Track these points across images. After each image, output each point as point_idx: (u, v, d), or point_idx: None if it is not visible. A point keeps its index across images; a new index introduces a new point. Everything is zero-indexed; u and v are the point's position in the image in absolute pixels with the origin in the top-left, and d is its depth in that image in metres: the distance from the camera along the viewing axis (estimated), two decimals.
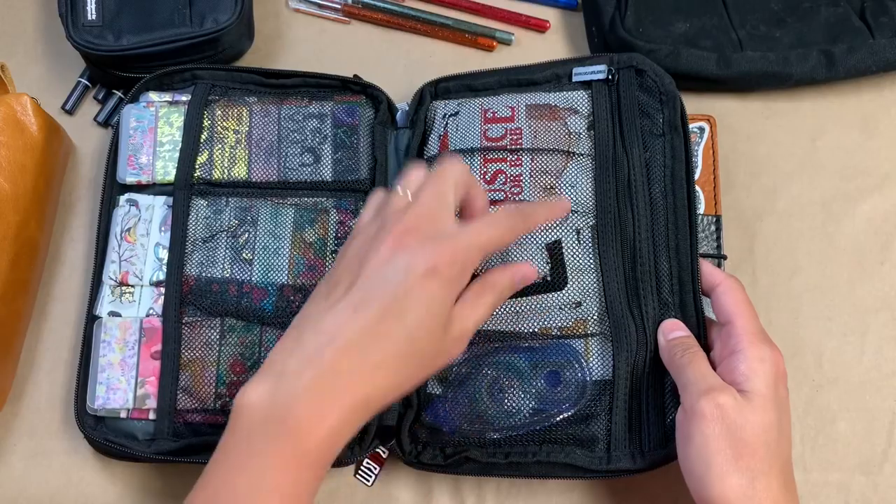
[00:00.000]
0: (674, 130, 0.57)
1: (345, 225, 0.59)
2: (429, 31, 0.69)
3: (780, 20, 0.64)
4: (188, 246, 0.58)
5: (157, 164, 0.60)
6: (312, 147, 0.60)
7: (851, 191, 0.64)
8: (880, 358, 0.60)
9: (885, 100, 0.66)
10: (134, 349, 0.56)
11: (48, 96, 0.66)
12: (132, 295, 0.57)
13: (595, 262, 0.55)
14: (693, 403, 0.47)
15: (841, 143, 0.65)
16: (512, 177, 0.57)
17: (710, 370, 0.49)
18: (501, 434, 0.52)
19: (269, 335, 0.56)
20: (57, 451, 0.58)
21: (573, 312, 0.54)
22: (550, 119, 0.59)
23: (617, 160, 0.57)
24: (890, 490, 0.57)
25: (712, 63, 0.63)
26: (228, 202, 0.59)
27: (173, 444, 0.54)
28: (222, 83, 0.62)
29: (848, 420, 0.59)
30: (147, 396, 0.55)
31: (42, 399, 0.59)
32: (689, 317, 0.53)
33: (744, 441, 0.45)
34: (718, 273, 0.53)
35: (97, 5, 0.63)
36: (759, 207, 0.64)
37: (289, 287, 0.57)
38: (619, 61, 0.59)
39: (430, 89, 0.62)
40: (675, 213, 0.55)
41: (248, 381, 0.43)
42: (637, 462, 0.52)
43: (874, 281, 0.62)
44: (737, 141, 0.65)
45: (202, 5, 0.63)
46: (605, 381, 0.53)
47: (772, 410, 0.47)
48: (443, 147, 0.59)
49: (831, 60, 0.63)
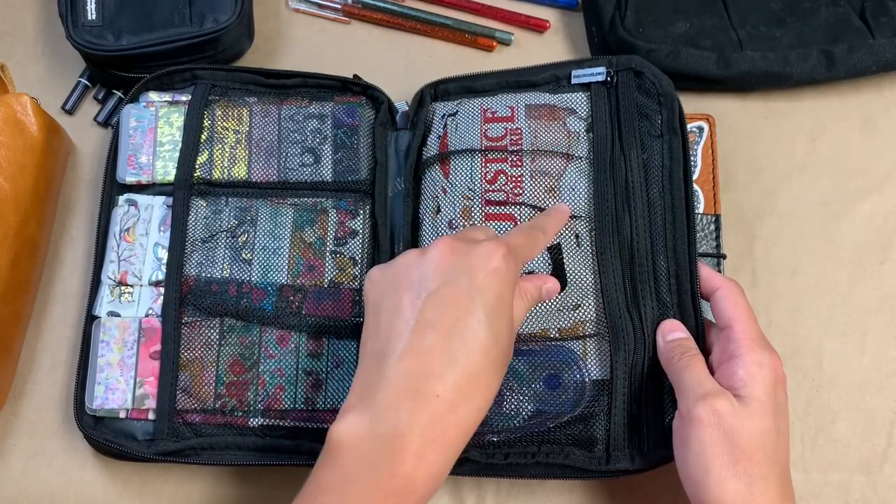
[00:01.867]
0: (672, 132, 0.57)
1: (344, 225, 0.59)
2: (429, 31, 0.69)
3: (780, 20, 0.64)
4: (188, 246, 0.58)
5: (157, 164, 0.60)
6: (312, 147, 0.61)
7: (851, 191, 0.64)
8: (880, 358, 0.60)
9: (885, 100, 0.66)
10: (133, 349, 0.56)
11: (48, 96, 0.66)
12: (131, 295, 0.57)
13: (593, 264, 0.55)
14: (690, 408, 0.47)
15: (841, 143, 0.65)
16: (513, 177, 0.57)
17: (708, 375, 0.49)
18: (500, 436, 0.52)
19: (268, 335, 0.56)
20: (56, 450, 0.58)
21: (572, 314, 0.54)
22: (550, 119, 0.59)
23: (615, 162, 0.57)
24: (890, 490, 0.57)
25: (712, 63, 0.63)
26: (228, 202, 0.59)
27: (173, 444, 0.54)
28: (222, 83, 0.63)
29: (848, 420, 0.59)
30: (146, 397, 0.55)
31: (42, 399, 0.59)
32: (688, 317, 0.53)
33: (741, 446, 0.45)
34: (718, 277, 0.53)
35: (97, 5, 0.63)
36: (758, 207, 0.64)
37: (288, 287, 0.57)
38: (617, 63, 0.59)
39: (429, 91, 0.62)
40: (673, 213, 0.55)
41: (340, 417, 0.42)
42: (636, 462, 0.52)
43: (874, 281, 0.62)
44: (736, 141, 0.65)
45: (202, 5, 0.63)
46: (603, 382, 0.53)
47: (769, 416, 0.46)
48: (442, 147, 0.59)
49: (831, 60, 0.63)
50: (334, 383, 0.55)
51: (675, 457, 0.48)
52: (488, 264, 0.44)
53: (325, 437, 0.43)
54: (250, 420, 0.54)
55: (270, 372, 0.55)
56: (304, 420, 0.54)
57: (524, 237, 0.49)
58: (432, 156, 0.59)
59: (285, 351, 0.56)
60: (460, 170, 0.58)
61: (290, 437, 0.54)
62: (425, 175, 0.59)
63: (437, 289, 0.44)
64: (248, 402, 0.55)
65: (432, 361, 0.42)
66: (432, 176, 0.59)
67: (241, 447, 0.54)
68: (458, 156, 0.58)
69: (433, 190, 0.58)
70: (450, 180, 0.58)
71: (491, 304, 0.43)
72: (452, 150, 0.59)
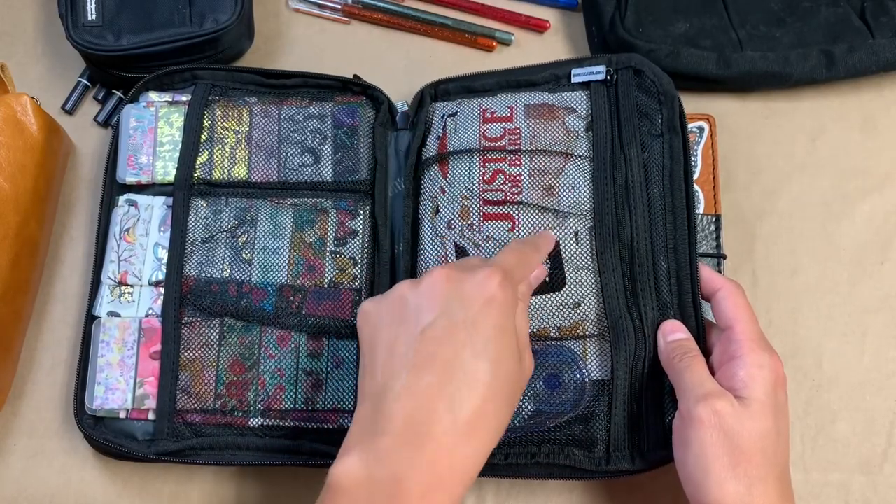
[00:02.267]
0: (672, 131, 0.57)
1: (344, 225, 0.59)
2: (429, 31, 0.69)
3: (780, 20, 0.64)
4: (188, 246, 0.58)
5: (157, 164, 0.60)
6: (312, 147, 0.60)
7: (851, 191, 0.64)
8: (880, 358, 0.60)
9: (885, 100, 0.66)
10: (133, 349, 0.56)
11: (48, 96, 0.66)
12: (131, 295, 0.57)
13: (593, 262, 0.55)
14: (690, 409, 0.47)
15: (841, 143, 0.65)
16: (511, 176, 0.57)
17: (709, 376, 0.49)
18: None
19: (268, 335, 0.56)
20: (56, 450, 0.58)
21: (572, 313, 0.54)
22: (549, 118, 0.59)
23: (615, 161, 0.57)
24: (890, 490, 0.57)
25: (712, 63, 0.63)
26: (228, 202, 0.59)
27: (173, 444, 0.54)
28: (222, 83, 0.63)
29: (848, 420, 0.59)
30: (146, 397, 0.55)
31: (42, 399, 0.59)
32: (688, 317, 0.53)
33: (741, 448, 0.45)
34: (719, 278, 0.53)
35: (97, 5, 0.63)
36: (759, 207, 0.64)
37: (288, 287, 0.57)
38: (617, 62, 0.59)
39: (430, 91, 0.62)
40: (673, 213, 0.55)
41: (340, 456, 0.41)
42: (636, 463, 0.52)
43: (874, 281, 0.62)
44: (736, 141, 0.65)
45: (202, 5, 0.63)
46: (603, 382, 0.53)
47: (769, 417, 0.46)
48: (441, 148, 0.59)
49: (831, 60, 0.63)
50: (334, 383, 0.55)
51: (675, 457, 0.48)
52: (484, 293, 0.43)
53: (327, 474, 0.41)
54: (250, 420, 0.55)
55: (270, 372, 0.55)
56: (304, 420, 0.54)
57: (517, 256, 0.47)
58: (431, 156, 0.59)
59: (285, 351, 0.56)
60: (458, 170, 0.58)
61: (290, 437, 0.54)
62: (425, 175, 0.59)
63: (432, 322, 0.42)
64: (248, 403, 0.55)
65: (430, 402, 0.40)
66: (431, 176, 0.59)
67: (240, 447, 0.54)
68: (457, 156, 0.58)
69: (432, 190, 0.58)
70: (448, 180, 0.58)
71: (489, 336, 0.42)
72: (451, 151, 0.59)
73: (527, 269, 0.48)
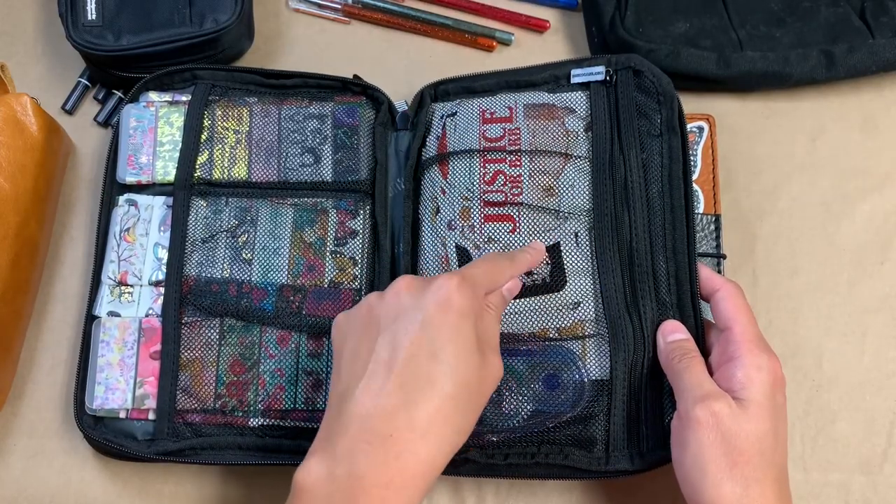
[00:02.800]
0: (671, 131, 0.57)
1: (344, 225, 0.59)
2: (429, 31, 0.69)
3: (780, 20, 0.64)
4: (188, 246, 0.58)
5: (157, 164, 0.60)
6: (313, 147, 0.61)
7: (851, 191, 0.64)
8: (880, 358, 0.60)
9: (885, 100, 0.66)
10: (133, 349, 0.56)
11: (48, 96, 0.66)
12: (131, 295, 0.57)
13: (593, 263, 0.55)
14: (688, 410, 0.47)
15: (841, 143, 0.65)
16: (511, 177, 0.57)
17: (707, 377, 0.49)
18: (500, 436, 0.52)
19: (268, 335, 0.56)
20: (56, 450, 0.58)
21: (571, 313, 0.54)
22: (548, 118, 0.59)
23: (614, 161, 0.57)
24: (890, 490, 0.57)
25: (712, 63, 0.63)
26: (228, 202, 0.59)
27: (173, 444, 0.54)
28: (222, 83, 0.63)
29: (848, 420, 0.59)
30: (146, 397, 0.55)
31: (42, 399, 0.59)
32: (688, 317, 0.53)
33: (738, 449, 0.45)
34: (718, 278, 0.53)
35: (97, 5, 0.63)
36: (759, 207, 0.64)
37: (288, 287, 0.57)
38: (616, 62, 0.59)
39: (429, 91, 0.62)
40: (672, 213, 0.55)
41: (304, 460, 0.43)
42: (635, 463, 0.52)
43: (874, 281, 0.62)
44: (736, 141, 0.65)
45: (202, 5, 0.63)
46: (602, 382, 0.53)
47: (767, 419, 0.46)
48: (441, 148, 0.59)
49: (831, 60, 0.63)
50: None
51: (673, 458, 0.48)
52: (439, 297, 0.44)
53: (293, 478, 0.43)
54: (250, 420, 0.55)
55: (270, 372, 0.55)
56: (304, 420, 0.55)
57: (486, 266, 0.48)
58: (431, 157, 0.59)
59: (285, 351, 0.56)
60: (459, 170, 0.58)
61: (290, 437, 0.54)
62: (425, 176, 0.59)
63: (392, 328, 0.44)
64: (248, 402, 0.55)
65: (386, 402, 0.42)
66: (431, 177, 0.59)
67: (241, 447, 0.54)
68: (457, 157, 0.58)
69: (432, 191, 0.58)
70: (448, 181, 0.58)
71: (446, 338, 0.43)
72: (451, 151, 0.59)
73: (497, 278, 0.49)
